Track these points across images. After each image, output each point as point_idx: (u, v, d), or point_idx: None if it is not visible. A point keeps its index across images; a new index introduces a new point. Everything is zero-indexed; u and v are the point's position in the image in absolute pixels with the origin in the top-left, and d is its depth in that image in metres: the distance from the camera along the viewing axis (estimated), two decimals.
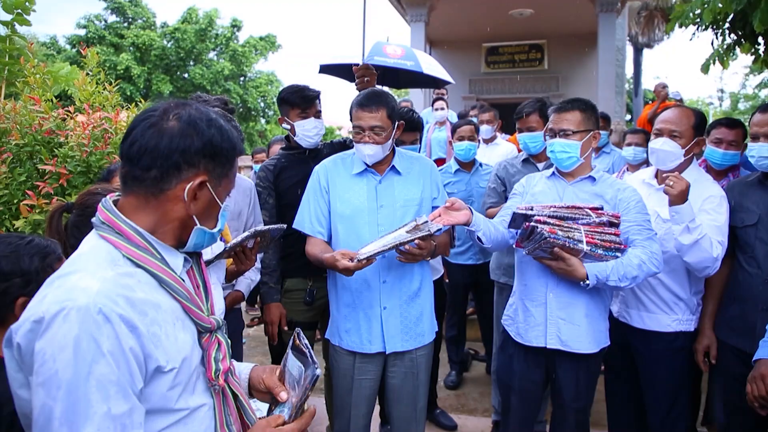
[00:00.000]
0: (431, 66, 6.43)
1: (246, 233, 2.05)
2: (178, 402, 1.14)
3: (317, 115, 2.91)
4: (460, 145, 4.00)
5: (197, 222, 1.20)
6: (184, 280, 1.23)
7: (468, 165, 4.08)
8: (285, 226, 2.34)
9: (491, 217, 3.28)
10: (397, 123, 2.44)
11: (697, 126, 2.55)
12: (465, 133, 4.02)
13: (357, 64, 3.02)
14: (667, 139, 2.55)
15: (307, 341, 1.37)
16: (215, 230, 1.25)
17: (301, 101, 2.88)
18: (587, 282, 2.26)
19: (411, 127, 3.57)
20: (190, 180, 1.16)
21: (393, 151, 2.52)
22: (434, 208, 2.52)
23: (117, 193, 1.23)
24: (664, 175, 2.44)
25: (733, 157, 3.15)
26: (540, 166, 3.32)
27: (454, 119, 6.79)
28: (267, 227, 2.12)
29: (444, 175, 3.95)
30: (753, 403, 2.22)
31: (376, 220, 2.42)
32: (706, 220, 2.47)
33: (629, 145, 4.34)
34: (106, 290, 1.03)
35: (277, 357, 3.80)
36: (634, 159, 4.31)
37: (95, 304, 1.00)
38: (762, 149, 2.44)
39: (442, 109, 6.60)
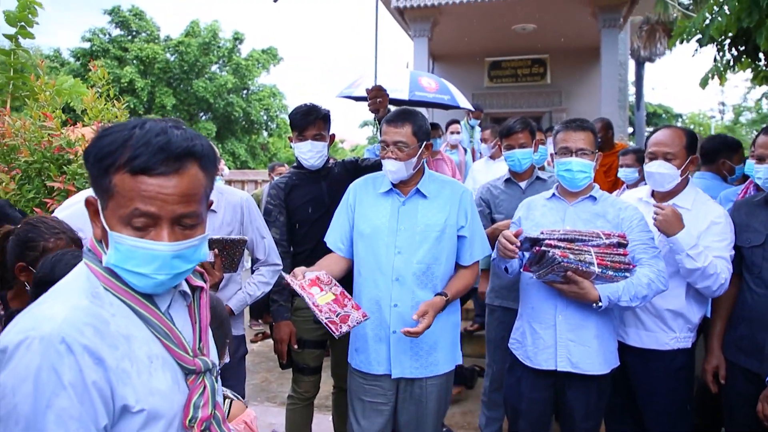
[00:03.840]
0: (459, 96, 6.66)
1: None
2: None
3: (316, 137, 2.86)
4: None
5: (102, 250, 1.08)
6: (171, 316, 1.14)
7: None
8: (246, 238, 2.38)
9: None
10: (425, 143, 2.40)
11: (689, 146, 2.56)
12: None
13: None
14: (662, 161, 2.55)
15: None
16: (106, 260, 1.05)
17: (298, 123, 2.88)
18: (600, 304, 2.25)
19: None
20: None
21: (422, 173, 2.49)
22: (461, 237, 2.46)
23: None
24: (654, 206, 2.45)
25: None
26: (522, 185, 3.30)
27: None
28: (221, 236, 2.08)
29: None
30: (765, 423, 2.21)
31: (394, 242, 2.38)
32: (712, 242, 2.47)
33: (621, 166, 4.39)
34: (72, 319, 0.97)
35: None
36: (627, 179, 4.36)
37: (58, 333, 0.94)
38: None
39: (458, 132, 6.62)
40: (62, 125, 3.68)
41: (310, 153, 2.88)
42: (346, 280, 2.52)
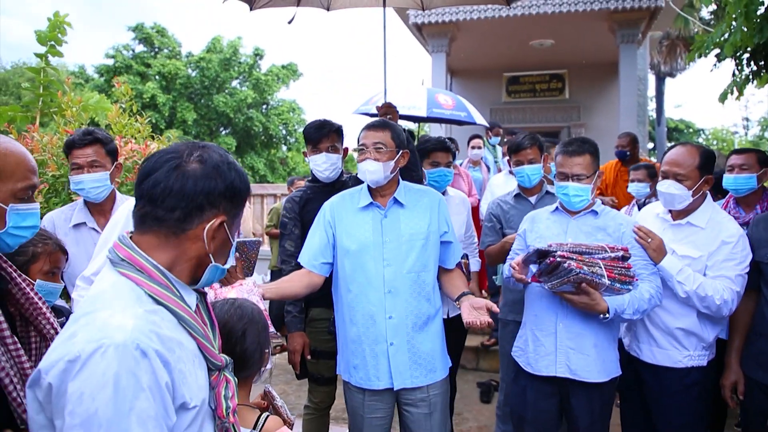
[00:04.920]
0: (475, 113, 6.66)
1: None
2: None
3: (330, 149, 2.95)
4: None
5: (212, 260, 1.23)
6: None
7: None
8: (261, 240, 2.38)
9: (491, 255, 3.30)
10: (401, 151, 2.46)
11: (703, 166, 2.49)
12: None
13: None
14: (672, 182, 2.52)
15: None
16: (226, 266, 1.29)
17: (312, 136, 2.95)
18: (607, 315, 2.30)
19: (444, 147, 3.62)
20: (210, 220, 1.19)
21: (398, 183, 2.53)
22: (444, 243, 2.52)
23: (131, 230, 1.23)
24: (640, 232, 2.48)
25: (747, 181, 3.18)
26: (532, 199, 3.33)
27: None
28: (244, 239, 2.14)
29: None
30: None
31: (381, 255, 2.41)
32: (717, 262, 2.44)
33: (632, 181, 4.37)
34: (140, 326, 1.04)
35: None
36: (638, 194, 4.34)
37: (133, 340, 1.01)
38: None
39: (479, 148, 6.47)
40: None
41: (325, 165, 2.94)
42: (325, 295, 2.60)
